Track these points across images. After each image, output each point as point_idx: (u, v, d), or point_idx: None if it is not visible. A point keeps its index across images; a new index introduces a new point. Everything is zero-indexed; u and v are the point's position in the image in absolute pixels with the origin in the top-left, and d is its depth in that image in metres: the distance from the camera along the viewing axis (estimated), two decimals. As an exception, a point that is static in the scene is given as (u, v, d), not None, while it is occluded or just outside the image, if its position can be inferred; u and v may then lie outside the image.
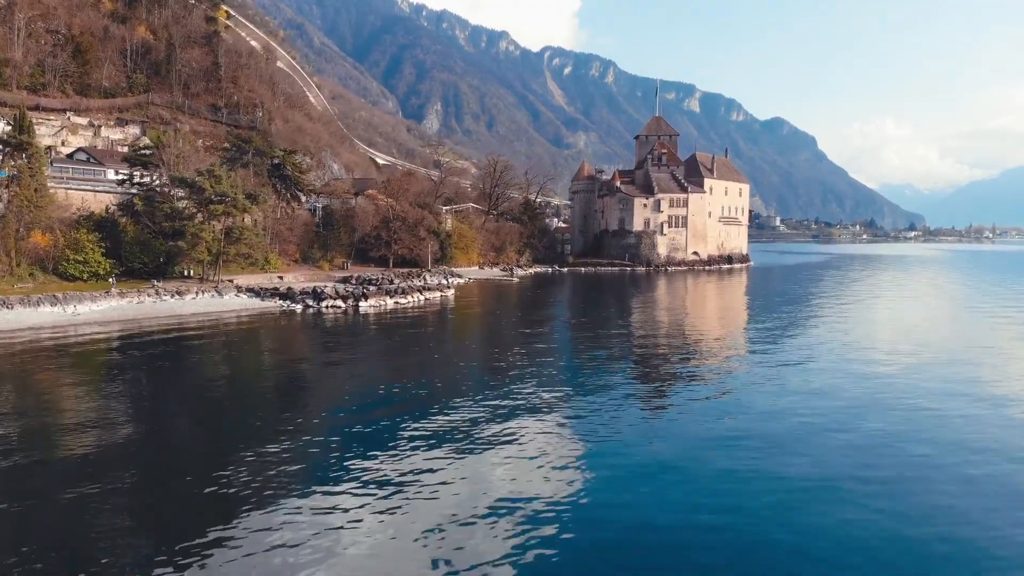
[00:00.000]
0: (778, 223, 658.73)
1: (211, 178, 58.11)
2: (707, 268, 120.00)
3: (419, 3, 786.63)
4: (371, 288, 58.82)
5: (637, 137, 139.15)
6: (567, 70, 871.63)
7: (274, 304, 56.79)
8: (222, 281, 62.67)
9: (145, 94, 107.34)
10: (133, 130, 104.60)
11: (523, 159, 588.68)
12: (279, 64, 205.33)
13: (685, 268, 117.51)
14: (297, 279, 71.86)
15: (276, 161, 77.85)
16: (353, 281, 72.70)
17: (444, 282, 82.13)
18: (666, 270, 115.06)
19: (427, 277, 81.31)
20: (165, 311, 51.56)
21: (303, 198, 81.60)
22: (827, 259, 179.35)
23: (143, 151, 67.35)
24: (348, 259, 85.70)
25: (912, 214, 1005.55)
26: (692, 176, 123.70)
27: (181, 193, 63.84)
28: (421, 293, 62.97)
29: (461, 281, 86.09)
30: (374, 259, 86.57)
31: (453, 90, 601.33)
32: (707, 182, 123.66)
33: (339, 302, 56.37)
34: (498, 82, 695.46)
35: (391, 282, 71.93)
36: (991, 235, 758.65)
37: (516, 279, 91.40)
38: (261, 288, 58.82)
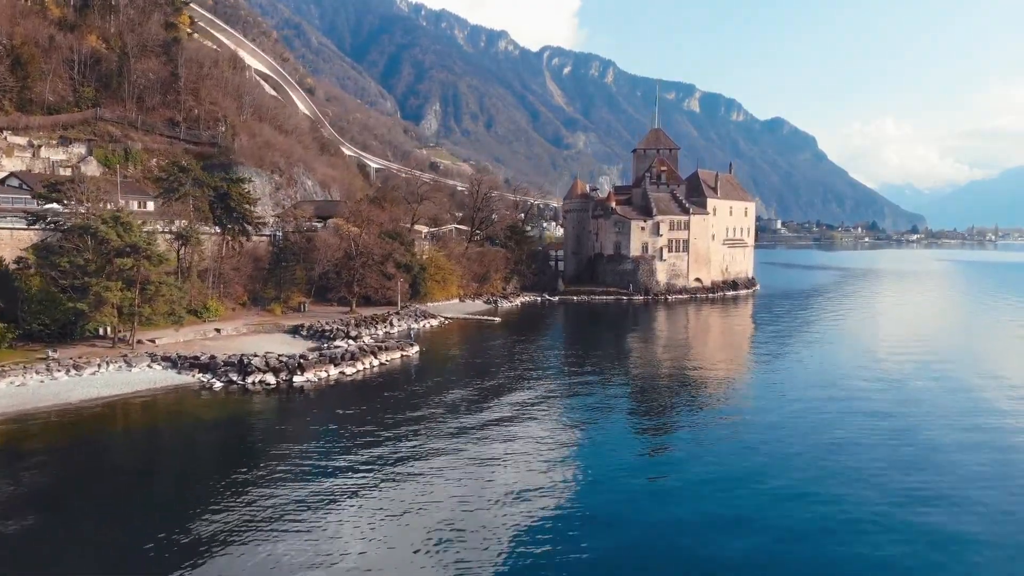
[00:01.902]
0: (779, 226, 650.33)
1: (118, 226, 48.43)
2: (710, 296, 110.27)
3: (418, 3, 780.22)
4: (310, 356, 49.06)
5: (635, 151, 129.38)
6: (566, 70, 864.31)
7: (192, 378, 47.08)
8: (138, 343, 53.08)
9: (93, 109, 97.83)
10: (78, 149, 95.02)
11: (522, 159, 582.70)
12: (263, 69, 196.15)
13: (687, 296, 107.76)
14: (238, 330, 62.20)
15: (221, 191, 68.12)
16: (304, 332, 63.15)
17: (414, 326, 72.62)
18: (666, 299, 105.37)
19: (394, 321, 71.59)
20: (50, 398, 41.78)
21: (252, 231, 71.89)
22: (835, 278, 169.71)
23: (55, 185, 57.53)
24: (307, 299, 76.04)
25: (913, 215, 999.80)
26: (694, 196, 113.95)
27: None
28: (375, 356, 53.20)
29: (435, 323, 76.38)
30: (337, 298, 76.84)
31: (452, 90, 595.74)
32: (710, 202, 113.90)
33: (269, 376, 46.67)
34: (497, 82, 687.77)
35: (347, 334, 62.31)
36: (993, 238, 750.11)
37: (498, 319, 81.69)
38: (179, 357, 49.14)
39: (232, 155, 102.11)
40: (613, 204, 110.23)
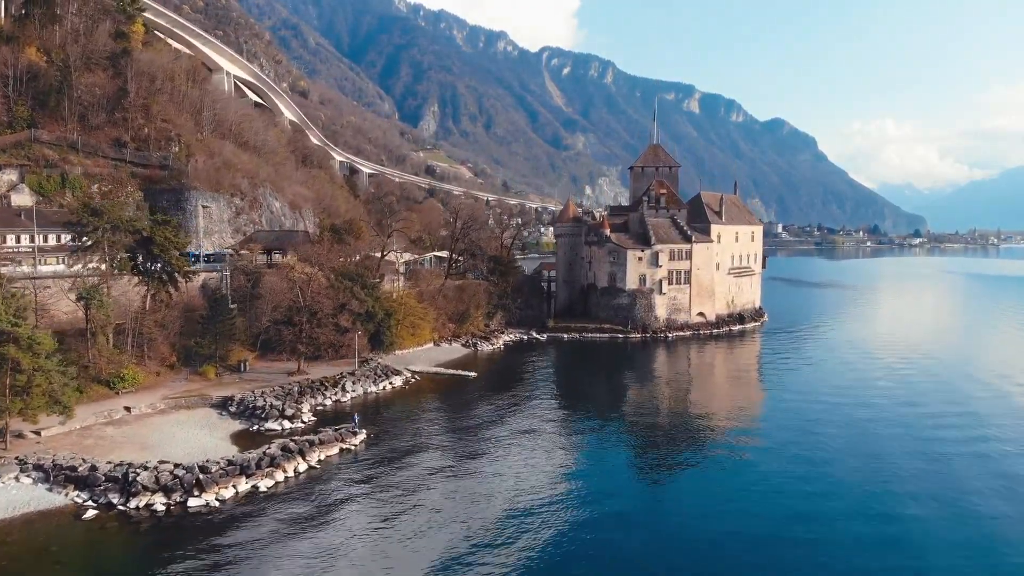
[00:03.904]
0: (780, 230, 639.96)
1: (-27, 303, 38.50)
2: (714, 332, 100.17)
3: (416, 3, 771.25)
4: (213, 469, 38.89)
5: (632, 169, 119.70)
6: (566, 70, 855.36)
7: (64, 499, 37.10)
8: (17, 438, 43.12)
9: (28, 130, 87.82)
10: (9, 176, 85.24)
11: (521, 161, 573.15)
12: (244, 75, 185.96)
13: (688, 333, 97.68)
14: (154, 406, 52.17)
15: (144, 234, 58.16)
16: (232, 408, 53.09)
17: (372, 389, 62.67)
18: (666, 337, 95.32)
19: (347, 385, 61.40)
20: None
21: (181, 280, 61.90)
22: (843, 298, 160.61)
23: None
24: (251, 353, 65.98)
25: (913, 216, 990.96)
26: (697, 221, 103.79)
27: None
28: (304, 457, 43.08)
29: (399, 382, 66.18)
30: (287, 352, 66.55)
31: (450, 91, 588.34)
32: (714, 228, 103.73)
33: (158, 498, 36.66)
34: (496, 83, 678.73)
35: (282, 412, 52.16)
36: (996, 241, 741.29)
37: (474, 374, 71.57)
38: (54, 466, 39.13)
39: (184, 178, 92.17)
40: (608, 231, 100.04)
